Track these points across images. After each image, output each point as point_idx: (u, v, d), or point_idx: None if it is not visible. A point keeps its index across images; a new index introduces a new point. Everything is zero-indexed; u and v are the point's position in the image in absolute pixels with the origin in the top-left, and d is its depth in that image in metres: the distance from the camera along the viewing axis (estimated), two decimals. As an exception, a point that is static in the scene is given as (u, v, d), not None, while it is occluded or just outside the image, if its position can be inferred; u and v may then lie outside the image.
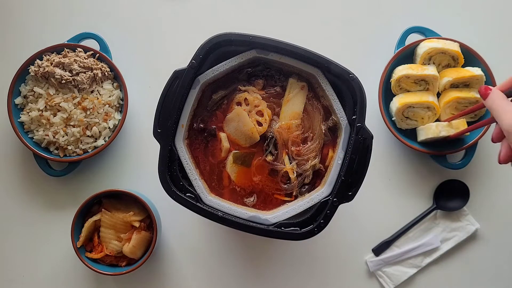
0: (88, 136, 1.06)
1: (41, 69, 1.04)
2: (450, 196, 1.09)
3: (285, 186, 0.88)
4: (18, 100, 1.06)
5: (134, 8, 1.17)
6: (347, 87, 0.86)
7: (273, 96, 0.90)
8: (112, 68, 1.08)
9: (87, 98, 1.05)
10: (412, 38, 1.09)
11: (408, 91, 1.06)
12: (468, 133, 1.05)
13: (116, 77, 1.10)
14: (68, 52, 1.07)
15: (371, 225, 1.10)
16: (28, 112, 1.05)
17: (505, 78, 1.10)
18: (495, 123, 0.82)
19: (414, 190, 1.11)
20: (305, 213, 0.85)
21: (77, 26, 1.15)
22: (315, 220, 0.83)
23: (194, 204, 0.83)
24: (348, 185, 0.82)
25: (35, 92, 1.05)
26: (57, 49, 1.08)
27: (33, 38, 1.15)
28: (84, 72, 1.05)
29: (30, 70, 1.05)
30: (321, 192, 0.84)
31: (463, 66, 1.06)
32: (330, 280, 1.09)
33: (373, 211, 1.10)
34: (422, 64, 1.05)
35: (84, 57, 1.07)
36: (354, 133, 0.83)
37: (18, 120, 1.06)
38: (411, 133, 1.09)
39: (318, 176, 0.88)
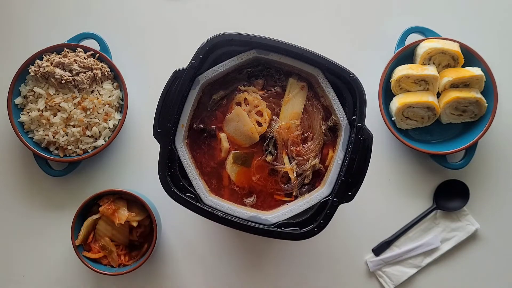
0: (88, 136, 1.06)
1: (41, 69, 1.04)
2: (450, 196, 1.09)
3: (285, 186, 0.88)
4: (18, 100, 1.06)
5: (134, 8, 1.17)
6: (347, 87, 0.86)
7: (273, 96, 0.90)
8: (112, 68, 1.08)
9: (87, 98, 1.05)
10: (412, 38, 1.09)
11: (408, 91, 1.06)
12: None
13: (116, 77, 1.10)
14: (68, 52, 1.07)
15: (371, 225, 1.10)
16: (28, 112, 1.05)
17: (505, 78, 1.11)
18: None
19: (414, 190, 1.11)
20: (305, 213, 0.85)
21: (77, 26, 1.15)
22: (315, 220, 0.83)
23: (194, 204, 0.83)
24: (348, 185, 0.82)
25: (35, 92, 1.05)
26: (57, 49, 1.08)
27: (33, 38, 1.15)
28: (84, 72, 1.05)
29: (30, 70, 1.05)
30: (321, 192, 0.84)
31: (463, 66, 1.06)
32: (330, 280, 1.09)
33: (373, 211, 1.10)
34: (422, 64, 1.05)
35: (84, 57, 1.07)
36: (354, 133, 0.83)
37: (18, 120, 1.06)
38: (411, 133, 1.09)
39: (318, 176, 0.88)
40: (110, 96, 1.07)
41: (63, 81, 1.04)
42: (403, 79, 1.04)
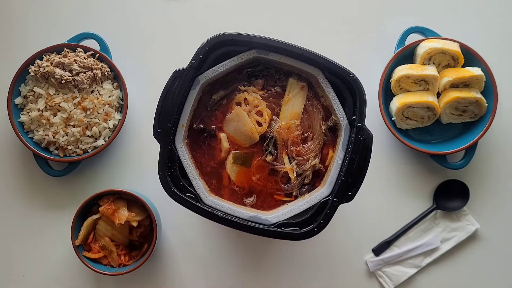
0: (88, 136, 1.06)
1: (41, 69, 1.04)
2: (450, 196, 1.09)
3: (285, 186, 0.88)
4: (18, 100, 1.06)
5: (134, 8, 1.17)
6: (347, 87, 0.86)
7: (273, 96, 0.90)
8: (112, 68, 1.08)
9: (87, 98, 1.05)
10: (412, 38, 1.09)
11: (408, 91, 1.06)
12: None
13: (116, 77, 1.10)
14: (68, 52, 1.07)
15: (371, 225, 1.10)
16: (28, 112, 1.06)
17: (505, 78, 1.11)
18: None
19: (414, 190, 1.11)
20: (305, 213, 0.85)
21: (77, 26, 1.15)
22: (315, 220, 0.83)
23: (194, 204, 0.83)
24: (348, 185, 0.82)
25: (35, 92, 1.05)
26: (57, 49, 1.08)
27: (33, 38, 1.15)
28: (84, 72, 1.05)
29: (30, 70, 1.05)
30: (321, 192, 0.84)
31: (463, 66, 1.06)
32: (330, 280, 1.09)
33: (373, 211, 1.10)
34: (422, 64, 1.05)
35: (84, 57, 1.07)
36: (354, 133, 0.83)
37: (18, 120, 1.06)
38: (411, 133, 1.09)
39: (318, 176, 0.88)
40: (110, 96, 1.07)
41: (63, 81, 1.04)
42: (403, 79, 1.04)
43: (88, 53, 1.08)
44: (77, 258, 1.04)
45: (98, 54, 1.08)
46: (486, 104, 1.03)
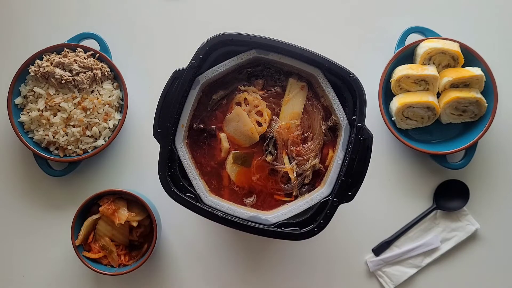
0: (88, 136, 1.06)
1: (41, 69, 1.04)
2: (450, 196, 1.09)
3: (285, 186, 0.88)
4: (18, 100, 1.06)
5: (134, 8, 1.17)
6: (347, 87, 0.86)
7: (273, 96, 0.90)
8: (112, 68, 1.08)
9: (87, 98, 1.05)
10: (412, 38, 1.09)
11: (408, 91, 1.06)
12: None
13: (116, 77, 1.10)
14: (68, 52, 1.07)
15: (371, 225, 1.10)
16: (28, 112, 1.06)
17: (505, 78, 1.11)
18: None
19: (414, 190, 1.11)
20: (305, 213, 0.85)
21: (77, 26, 1.15)
22: (315, 220, 0.83)
23: (194, 204, 0.83)
24: (348, 185, 0.82)
25: (35, 92, 1.05)
26: (57, 49, 1.08)
27: (33, 38, 1.15)
28: (84, 72, 1.05)
29: (30, 70, 1.05)
30: (321, 192, 0.84)
31: (463, 66, 1.06)
32: (330, 280, 1.09)
33: (373, 211, 1.10)
34: (422, 64, 1.05)
35: (84, 57, 1.07)
36: (354, 133, 0.83)
37: (18, 120, 1.06)
38: (411, 133, 1.09)
39: (318, 176, 0.88)
40: (110, 96, 1.07)
41: (63, 81, 1.04)
42: (403, 79, 1.04)
43: (88, 53, 1.08)
44: (77, 258, 1.04)
45: (98, 54, 1.08)
46: (486, 104, 1.03)
